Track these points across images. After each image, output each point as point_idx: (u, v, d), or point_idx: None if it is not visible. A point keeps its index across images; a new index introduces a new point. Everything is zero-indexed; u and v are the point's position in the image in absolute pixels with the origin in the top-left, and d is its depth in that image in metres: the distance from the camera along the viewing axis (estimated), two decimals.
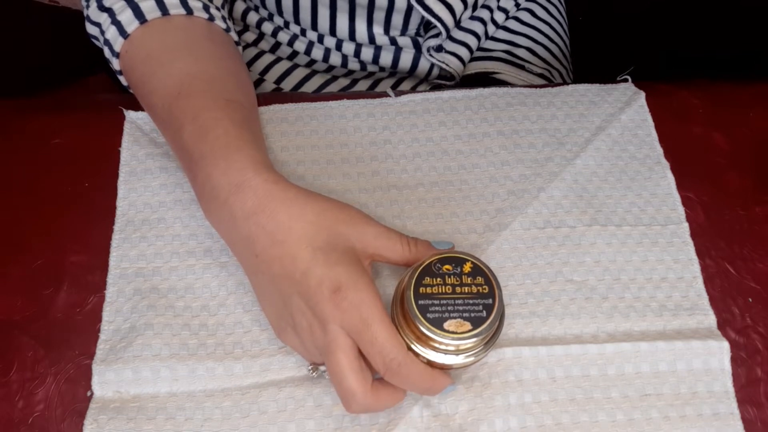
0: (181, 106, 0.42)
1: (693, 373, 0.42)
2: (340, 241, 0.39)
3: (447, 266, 0.38)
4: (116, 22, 0.45)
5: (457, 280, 0.37)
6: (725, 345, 0.42)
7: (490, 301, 0.37)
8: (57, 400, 0.40)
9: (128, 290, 0.44)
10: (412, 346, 0.38)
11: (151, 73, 0.44)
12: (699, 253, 0.46)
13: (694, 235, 0.47)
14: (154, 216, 0.46)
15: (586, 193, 0.48)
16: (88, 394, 0.40)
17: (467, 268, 0.38)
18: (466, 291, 0.37)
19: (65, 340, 0.42)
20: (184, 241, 0.45)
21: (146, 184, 0.47)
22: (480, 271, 0.38)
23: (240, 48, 0.50)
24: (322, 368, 0.40)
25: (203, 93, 0.43)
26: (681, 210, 0.48)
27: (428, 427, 0.40)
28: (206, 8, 0.47)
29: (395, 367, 0.36)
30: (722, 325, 0.44)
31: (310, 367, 0.40)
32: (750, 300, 0.45)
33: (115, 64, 0.47)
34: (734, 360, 0.43)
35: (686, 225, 0.47)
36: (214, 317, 0.43)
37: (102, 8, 0.46)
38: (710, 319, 0.44)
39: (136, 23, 0.44)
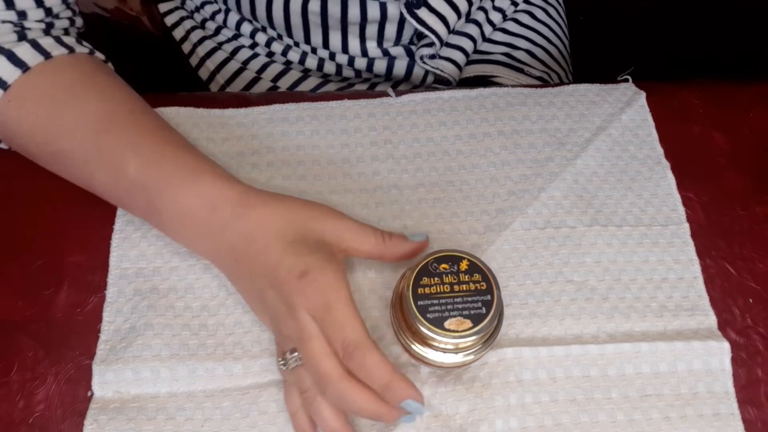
0: (112, 142, 0.42)
1: (693, 374, 0.42)
2: (312, 235, 0.39)
3: (444, 265, 0.38)
4: None
5: (454, 279, 0.38)
6: (726, 345, 0.42)
7: (489, 297, 0.37)
8: (57, 400, 0.40)
9: (129, 290, 0.44)
10: (412, 346, 0.38)
11: (55, 115, 0.43)
12: (699, 253, 0.46)
13: (695, 235, 0.47)
14: None
15: (586, 193, 0.48)
16: (89, 394, 0.40)
17: (464, 266, 0.38)
18: (465, 289, 0.37)
19: (65, 341, 0.42)
20: None
21: None
22: (477, 268, 0.38)
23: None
24: (292, 357, 0.38)
25: (131, 126, 0.43)
26: (681, 210, 0.48)
27: (428, 427, 0.40)
28: (79, 42, 0.46)
29: (352, 349, 0.35)
30: (723, 326, 0.44)
31: (280, 360, 0.39)
32: (750, 300, 0.45)
33: None
34: (734, 360, 0.43)
35: (687, 225, 0.47)
36: (214, 317, 0.43)
37: None
38: (711, 320, 0.44)
39: (17, 72, 0.42)
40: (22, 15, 0.43)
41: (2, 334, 0.42)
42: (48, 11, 0.44)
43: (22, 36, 0.43)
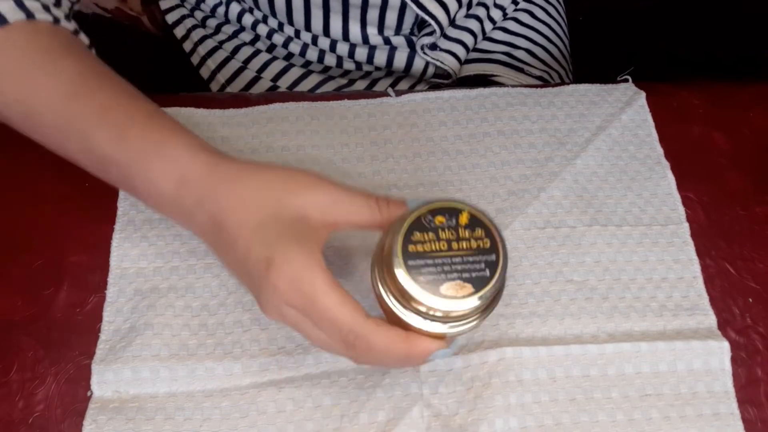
0: (80, 109, 0.38)
1: (693, 374, 0.42)
2: (286, 212, 0.34)
3: (440, 218, 0.32)
4: None
5: (452, 235, 0.32)
6: (725, 345, 0.42)
7: (493, 257, 0.32)
8: (57, 400, 0.40)
9: (129, 290, 0.44)
10: (394, 310, 0.33)
11: (29, 73, 0.39)
12: (699, 253, 0.46)
13: (694, 235, 0.47)
14: (155, 215, 0.46)
15: (586, 193, 0.48)
16: (89, 394, 0.40)
17: (464, 219, 0.32)
18: (464, 247, 0.32)
19: (65, 340, 0.42)
20: (185, 241, 0.45)
21: None
22: (479, 222, 0.32)
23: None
24: None
25: (100, 91, 0.38)
26: (681, 210, 0.48)
27: (428, 427, 0.40)
28: (68, 19, 0.42)
29: (353, 339, 0.32)
30: (722, 326, 0.44)
31: None
32: (750, 300, 0.45)
33: None
34: (734, 360, 0.43)
35: (686, 225, 0.47)
36: (213, 317, 0.43)
37: None
38: (710, 320, 0.44)
39: None
40: None
41: (2, 334, 0.42)
42: None
43: None
